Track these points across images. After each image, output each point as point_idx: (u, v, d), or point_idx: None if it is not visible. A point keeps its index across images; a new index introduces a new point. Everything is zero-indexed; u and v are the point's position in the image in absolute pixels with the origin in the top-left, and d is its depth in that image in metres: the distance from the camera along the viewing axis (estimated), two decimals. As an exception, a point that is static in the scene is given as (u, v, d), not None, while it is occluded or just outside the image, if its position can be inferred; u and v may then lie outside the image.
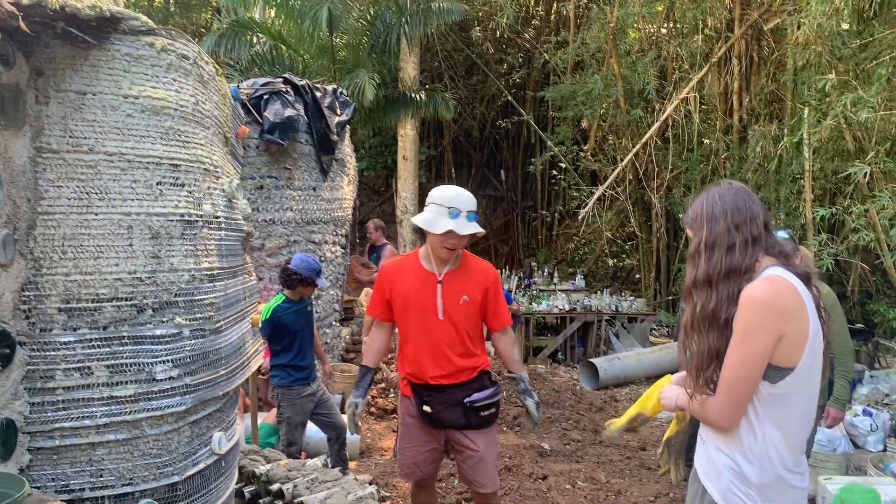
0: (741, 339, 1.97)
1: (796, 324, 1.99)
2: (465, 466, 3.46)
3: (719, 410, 2.01)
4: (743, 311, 1.99)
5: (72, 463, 1.64)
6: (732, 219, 2.09)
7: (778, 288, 1.99)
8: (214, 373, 1.84)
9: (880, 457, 4.95)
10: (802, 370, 2.00)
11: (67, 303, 1.63)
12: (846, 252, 7.61)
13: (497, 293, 3.38)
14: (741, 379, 1.97)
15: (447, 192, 3.23)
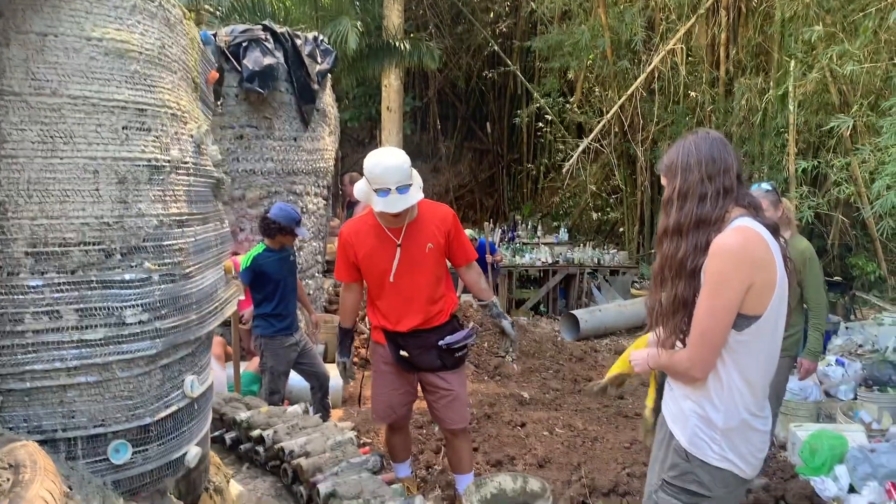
0: (712, 290, 2.01)
1: (764, 273, 2.02)
2: (439, 406, 3.57)
3: (692, 361, 2.05)
4: (713, 262, 2.02)
5: (43, 405, 1.66)
6: (706, 169, 2.11)
7: (746, 238, 2.02)
8: (185, 318, 1.85)
9: (850, 405, 5.09)
10: (768, 318, 2.05)
11: (34, 247, 1.63)
12: (827, 205, 7.67)
13: (458, 232, 3.47)
14: (713, 329, 2.01)
15: (374, 169, 3.19)
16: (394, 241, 3.35)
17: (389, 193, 3.14)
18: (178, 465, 1.90)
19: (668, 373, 2.21)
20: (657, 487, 2.21)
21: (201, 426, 2.03)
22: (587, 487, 4.31)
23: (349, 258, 3.47)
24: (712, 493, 2.11)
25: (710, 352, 2.04)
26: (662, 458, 2.24)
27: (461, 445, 3.66)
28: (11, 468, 1.42)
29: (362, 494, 3.21)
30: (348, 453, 3.61)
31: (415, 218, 3.36)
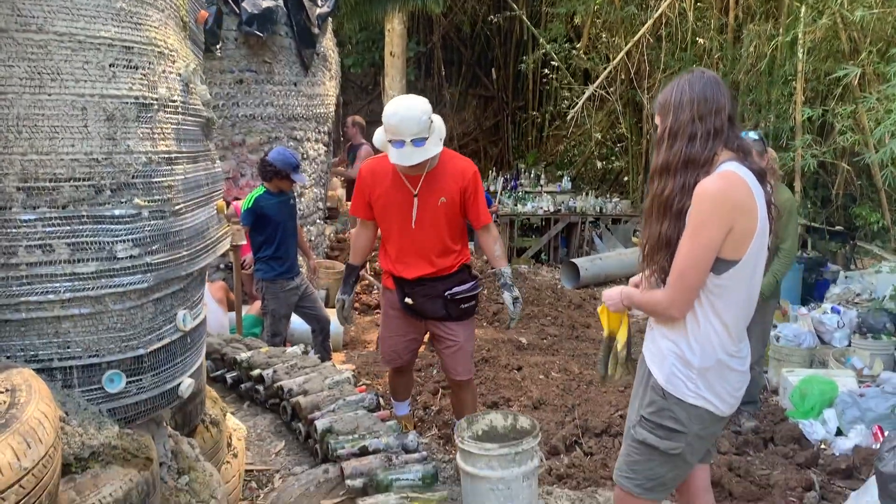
0: (693, 232, 2.04)
1: (745, 218, 2.05)
2: (444, 355, 3.64)
3: (670, 300, 2.10)
4: (695, 205, 2.05)
5: (39, 335, 1.72)
6: (698, 109, 2.12)
7: (730, 183, 2.05)
8: (176, 253, 1.90)
9: (842, 351, 5.16)
10: (746, 263, 2.09)
11: (25, 182, 1.67)
12: (832, 154, 7.61)
13: (476, 192, 3.37)
14: (692, 269, 2.05)
15: (391, 118, 3.10)
16: (410, 190, 3.31)
17: (404, 145, 3.07)
18: (172, 395, 1.98)
19: (647, 312, 2.26)
20: (635, 423, 2.29)
21: (195, 359, 2.10)
22: (580, 428, 4.42)
23: (365, 196, 3.44)
24: (688, 430, 2.18)
25: (688, 293, 2.08)
26: (641, 395, 2.31)
27: (464, 395, 3.74)
28: (8, 391, 1.48)
29: (358, 430, 3.32)
30: (345, 392, 3.72)
31: (434, 168, 3.29)
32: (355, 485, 2.95)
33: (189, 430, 2.39)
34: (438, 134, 3.20)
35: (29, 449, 1.34)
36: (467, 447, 2.88)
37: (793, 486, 3.63)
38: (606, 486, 3.53)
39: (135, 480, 1.66)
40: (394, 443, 3.20)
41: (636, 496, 2.29)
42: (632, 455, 2.30)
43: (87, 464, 1.64)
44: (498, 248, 3.55)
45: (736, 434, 4.33)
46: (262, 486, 3.31)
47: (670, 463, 2.24)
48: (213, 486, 2.08)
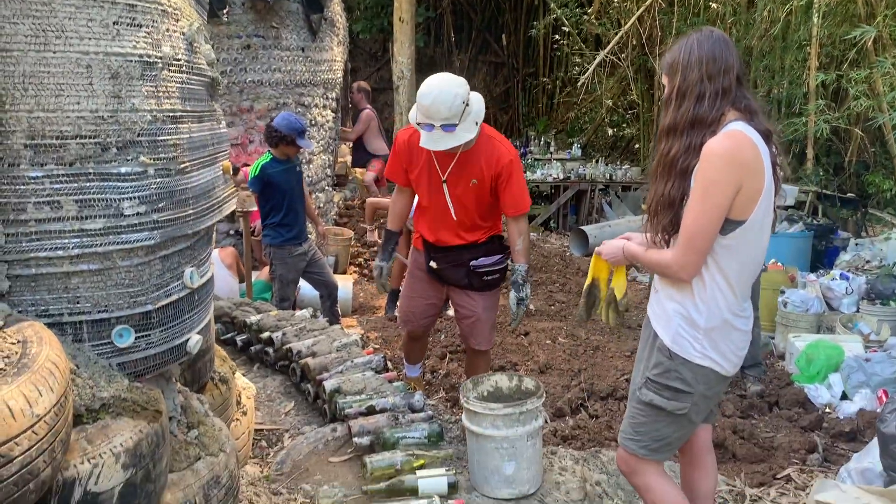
0: (702, 193, 2.04)
1: (752, 178, 2.05)
2: (463, 324, 3.65)
3: (680, 263, 2.11)
4: (703, 166, 2.05)
5: (49, 290, 1.76)
6: (707, 69, 2.10)
7: (737, 143, 2.04)
8: (182, 211, 1.92)
9: (849, 317, 5.16)
10: (753, 223, 2.09)
11: (33, 139, 1.69)
12: (846, 120, 7.52)
13: (510, 178, 3.23)
14: (702, 231, 2.06)
15: (423, 99, 2.99)
16: (439, 174, 3.27)
17: (433, 129, 2.99)
18: (180, 351, 2.02)
19: (654, 272, 2.27)
20: (641, 385, 2.31)
21: (202, 316, 2.13)
22: (586, 392, 4.47)
23: (402, 163, 3.39)
24: (694, 390, 2.21)
25: (697, 255, 2.09)
26: (647, 357, 2.33)
27: (479, 363, 3.76)
28: (20, 343, 1.52)
29: (365, 390, 3.37)
30: (353, 354, 3.77)
31: (468, 150, 3.19)
32: (362, 443, 3.01)
33: (198, 387, 2.44)
34: (475, 117, 3.06)
35: (40, 397, 1.38)
36: (472, 407, 2.93)
37: (796, 449, 3.66)
38: (610, 447, 3.58)
39: (144, 431, 1.70)
40: (400, 402, 3.25)
41: (641, 458, 2.32)
42: (637, 417, 2.32)
43: (97, 415, 1.68)
44: (521, 242, 3.40)
45: (741, 398, 4.36)
46: (272, 444, 3.38)
47: (676, 423, 2.27)
48: (222, 440, 2.13)
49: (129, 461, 1.64)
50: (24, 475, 1.33)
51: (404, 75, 10.59)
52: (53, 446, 1.41)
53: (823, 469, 3.49)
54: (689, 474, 2.54)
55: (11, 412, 1.31)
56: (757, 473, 3.42)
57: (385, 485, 2.76)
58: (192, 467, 1.99)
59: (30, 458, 1.34)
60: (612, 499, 3.02)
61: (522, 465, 2.91)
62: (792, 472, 3.41)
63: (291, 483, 2.95)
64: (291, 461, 3.10)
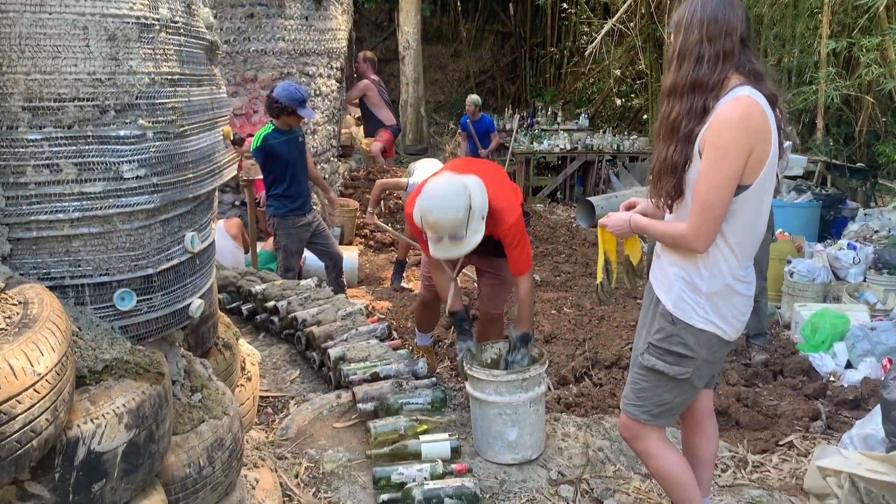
0: (714, 161, 2.01)
1: (762, 143, 2.03)
2: (485, 286, 3.68)
3: (695, 233, 2.07)
4: (715, 134, 2.01)
5: (50, 253, 1.76)
6: (707, 30, 2.07)
7: (747, 108, 2.02)
8: (182, 175, 1.92)
9: (856, 286, 5.14)
10: (757, 187, 2.07)
11: (30, 101, 1.68)
12: (856, 88, 7.42)
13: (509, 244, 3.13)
14: (717, 201, 2.03)
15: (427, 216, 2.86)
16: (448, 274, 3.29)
17: (442, 241, 2.90)
18: (182, 315, 2.02)
19: (666, 244, 2.23)
20: (643, 350, 2.31)
21: (204, 281, 2.14)
22: (590, 360, 4.48)
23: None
24: (696, 355, 2.20)
25: (713, 225, 2.05)
26: (649, 323, 2.33)
27: (492, 328, 3.75)
28: (21, 304, 1.53)
29: (369, 358, 3.39)
30: (357, 322, 3.78)
31: None
32: (366, 408, 3.03)
33: (202, 352, 2.45)
34: (479, 215, 2.91)
35: (42, 356, 1.39)
36: (476, 373, 2.94)
37: (799, 416, 3.67)
38: (614, 414, 3.59)
39: (147, 393, 1.72)
40: (404, 369, 3.27)
41: (643, 423, 2.33)
42: (639, 383, 2.33)
43: (100, 376, 1.69)
44: (524, 309, 3.21)
45: (745, 366, 4.36)
46: (277, 411, 3.41)
47: (678, 388, 2.27)
48: (226, 404, 2.15)
49: (132, 422, 1.65)
50: (26, 433, 1.35)
51: (410, 45, 10.50)
52: (56, 405, 1.43)
53: (826, 436, 3.50)
54: (690, 440, 2.55)
55: (13, 370, 1.32)
56: (760, 440, 3.43)
57: (389, 449, 2.79)
58: (195, 430, 2.01)
59: (32, 416, 1.35)
60: (615, 464, 3.04)
61: (525, 430, 2.93)
62: (795, 439, 3.42)
63: (296, 448, 2.99)
64: (296, 427, 3.13)
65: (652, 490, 2.84)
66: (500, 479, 2.86)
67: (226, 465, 2.07)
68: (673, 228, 2.15)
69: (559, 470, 2.95)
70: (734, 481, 3.00)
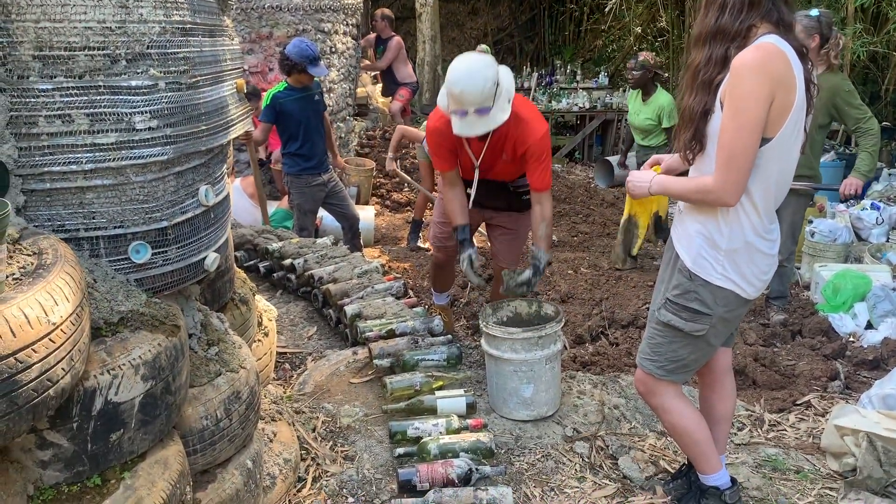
0: (735, 111, 1.95)
1: (783, 92, 1.96)
2: (499, 242, 3.66)
3: (722, 186, 2.00)
4: (733, 81, 1.96)
5: (64, 205, 1.76)
6: None
7: (766, 53, 1.95)
8: (195, 127, 1.90)
9: (878, 246, 5.06)
10: (780, 140, 2.01)
11: (41, 50, 1.66)
12: (883, 45, 7.22)
13: (536, 156, 3.14)
14: (741, 150, 1.96)
15: (453, 88, 2.87)
16: (472, 160, 3.24)
17: (467, 115, 2.89)
18: (197, 268, 2.02)
19: (692, 201, 2.16)
20: (660, 305, 2.28)
21: (219, 234, 2.13)
22: (606, 320, 4.46)
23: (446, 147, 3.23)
24: (713, 312, 2.17)
25: (741, 175, 1.98)
26: (668, 279, 2.30)
27: None
28: (35, 254, 1.53)
29: (385, 315, 3.40)
30: (374, 280, 3.78)
31: (498, 131, 3.08)
32: (383, 364, 3.04)
33: (219, 307, 2.46)
34: (507, 96, 2.95)
35: (56, 306, 1.39)
36: (492, 331, 2.94)
37: (817, 376, 3.64)
38: (630, 372, 3.59)
39: (163, 345, 1.72)
40: (420, 326, 3.27)
41: (658, 378, 2.32)
42: (655, 337, 2.31)
43: (116, 328, 1.70)
44: (543, 228, 3.24)
45: (764, 326, 4.33)
46: (295, 367, 3.44)
47: (693, 345, 2.25)
48: (242, 357, 2.16)
49: (149, 373, 1.66)
50: (42, 381, 1.35)
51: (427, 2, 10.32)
52: (71, 355, 1.43)
53: (844, 396, 3.47)
54: (707, 397, 2.54)
55: (28, 319, 1.33)
56: (777, 400, 3.42)
57: (405, 404, 2.81)
58: (212, 382, 2.02)
59: (48, 364, 1.36)
60: (630, 422, 3.04)
61: (541, 387, 2.93)
62: (812, 399, 3.40)
63: (313, 402, 3.01)
64: (313, 382, 3.16)
65: (668, 447, 2.84)
66: (516, 435, 2.88)
67: (243, 418, 2.08)
68: (700, 183, 2.09)
69: (574, 427, 2.96)
70: (750, 439, 2.99)
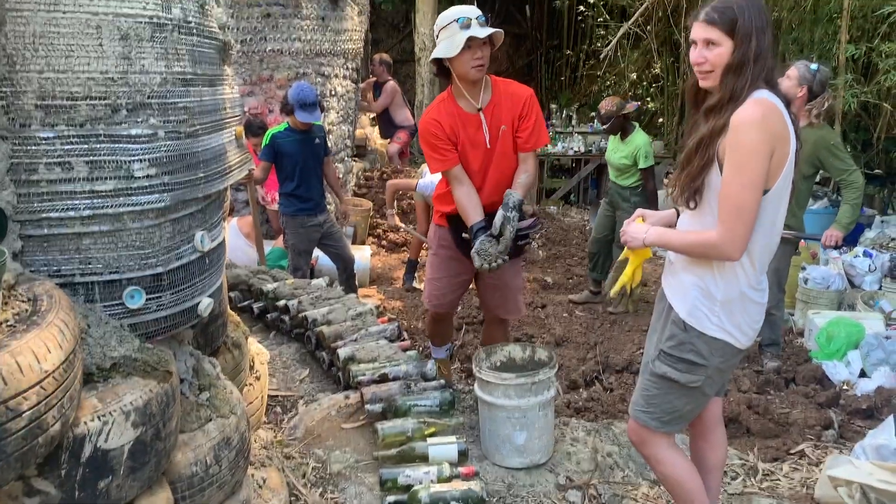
0: (739, 165, 1.97)
1: (781, 145, 2.01)
2: (494, 295, 3.50)
3: (728, 240, 2.01)
4: (735, 136, 1.98)
5: (61, 251, 1.78)
6: (769, 32, 2.04)
7: (767, 108, 2.00)
8: (193, 174, 1.93)
9: (871, 294, 5.08)
10: (775, 192, 2.05)
11: (43, 99, 1.70)
12: (875, 95, 7.34)
13: (531, 111, 3.18)
14: (747, 203, 1.98)
15: (449, 11, 3.04)
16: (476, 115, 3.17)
17: (472, 24, 2.98)
18: (191, 313, 2.03)
19: (694, 254, 2.16)
20: (654, 357, 2.29)
21: (213, 280, 2.15)
22: (601, 365, 4.46)
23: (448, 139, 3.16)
24: (708, 363, 2.18)
25: (746, 229, 2.00)
26: (661, 329, 2.31)
27: (497, 330, 3.67)
28: (30, 301, 1.54)
29: (378, 359, 3.40)
30: (368, 322, 3.79)
31: (490, 97, 3.15)
32: (375, 409, 3.03)
33: (211, 351, 2.46)
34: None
35: (49, 353, 1.40)
36: (485, 376, 2.93)
37: (811, 425, 3.63)
38: (623, 419, 3.57)
39: (155, 391, 1.72)
40: (413, 371, 3.27)
41: (654, 430, 2.31)
42: (650, 389, 2.31)
43: (108, 374, 1.70)
44: (526, 178, 3.18)
45: (757, 374, 4.32)
46: (286, 411, 3.41)
47: (689, 396, 2.25)
48: (234, 403, 2.15)
49: (139, 420, 1.66)
50: (32, 429, 1.35)
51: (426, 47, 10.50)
52: (62, 402, 1.43)
53: (838, 445, 3.46)
54: (698, 446, 2.53)
55: (20, 367, 1.33)
56: (770, 448, 3.40)
57: (396, 451, 2.79)
58: (202, 428, 2.02)
59: (38, 412, 1.36)
60: (623, 470, 3.02)
61: (534, 434, 2.92)
62: (806, 448, 3.38)
63: (304, 448, 2.99)
64: (304, 427, 3.14)
65: (660, 497, 2.82)
66: (508, 483, 2.86)
67: (232, 464, 2.07)
68: (703, 237, 2.09)
69: (567, 475, 2.94)
70: (744, 489, 2.97)
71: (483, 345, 3.91)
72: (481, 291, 3.58)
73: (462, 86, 3.11)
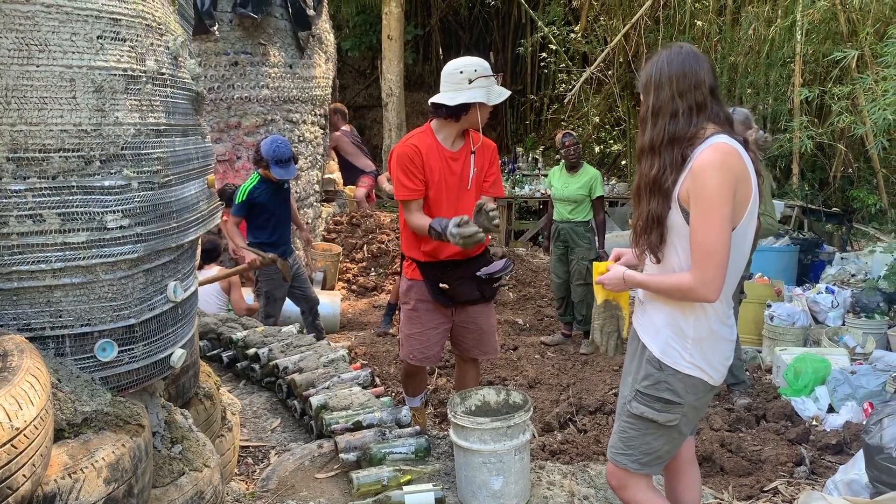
0: (707, 208, 2.02)
1: (743, 186, 2.07)
2: (472, 339, 3.50)
3: (702, 282, 2.04)
4: (698, 181, 2.04)
5: (31, 304, 1.75)
6: (677, 86, 2.12)
7: (725, 152, 2.06)
8: (166, 225, 1.92)
9: (835, 330, 5.19)
10: (739, 231, 2.10)
11: (15, 152, 1.68)
12: (830, 136, 7.61)
13: (494, 162, 3.39)
14: (717, 246, 2.02)
15: (483, 62, 3.13)
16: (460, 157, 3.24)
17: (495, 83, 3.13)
18: (163, 365, 2.00)
19: (666, 295, 2.19)
20: (630, 398, 2.30)
21: (186, 331, 2.12)
22: (574, 406, 4.46)
23: (419, 172, 3.17)
24: (683, 400, 2.20)
25: (719, 270, 2.03)
26: (635, 370, 2.33)
27: (470, 372, 3.67)
28: (0, 356, 1.51)
29: (352, 406, 3.36)
30: (340, 369, 3.75)
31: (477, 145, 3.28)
32: (349, 458, 2.99)
33: (183, 402, 2.42)
34: None
35: (20, 410, 1.37)
36: (460, 421, 2.91)
37: (783, 462, 3.67)
38: (599, 461, 3.57)
39: (127, 446, 1.69)
40: (387, 418, 3.24)
41: (633, 472, 2.31)
42: (627, 431, 2.31)
43: (79, 429, 1.67)
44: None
45: (728, 411, 4.37)
46: (258, 461, 3.35)
47: (666, 436, 2.26)
48: (207, 455, 2.11)
49: (111, 476, 1.62)
50: (2, 489, 1.31)
51: (393, 92, 10.65)
52: (33, 460, 1.40)
53: (811, 481, 3.49)
54: (673, 487, 2.54)
55: (-10, 425, 1.30)
56: (745, 486, 3.42)
57: (372, 500, 2.74)
58: (175, 482, 1.97)
59: (8, 472, 1.32)
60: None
61: (510, 479, 2.90)
62: (779, 485, 3.41)
63: (277, 500, 2.92)
64: (277, 477, 3.07)
65: (638, 539, 2.80)
66: (485, 530, 2.82)
67: (206, 519, 2.02)
68: (678, 280, 2.11)
69: (545, 519, 2.91)
70: (720, 529, 2.97)
71: (456, 388, 3.89)
72: (455, 334, 3.55)
73: (455, 128, 3.19)
